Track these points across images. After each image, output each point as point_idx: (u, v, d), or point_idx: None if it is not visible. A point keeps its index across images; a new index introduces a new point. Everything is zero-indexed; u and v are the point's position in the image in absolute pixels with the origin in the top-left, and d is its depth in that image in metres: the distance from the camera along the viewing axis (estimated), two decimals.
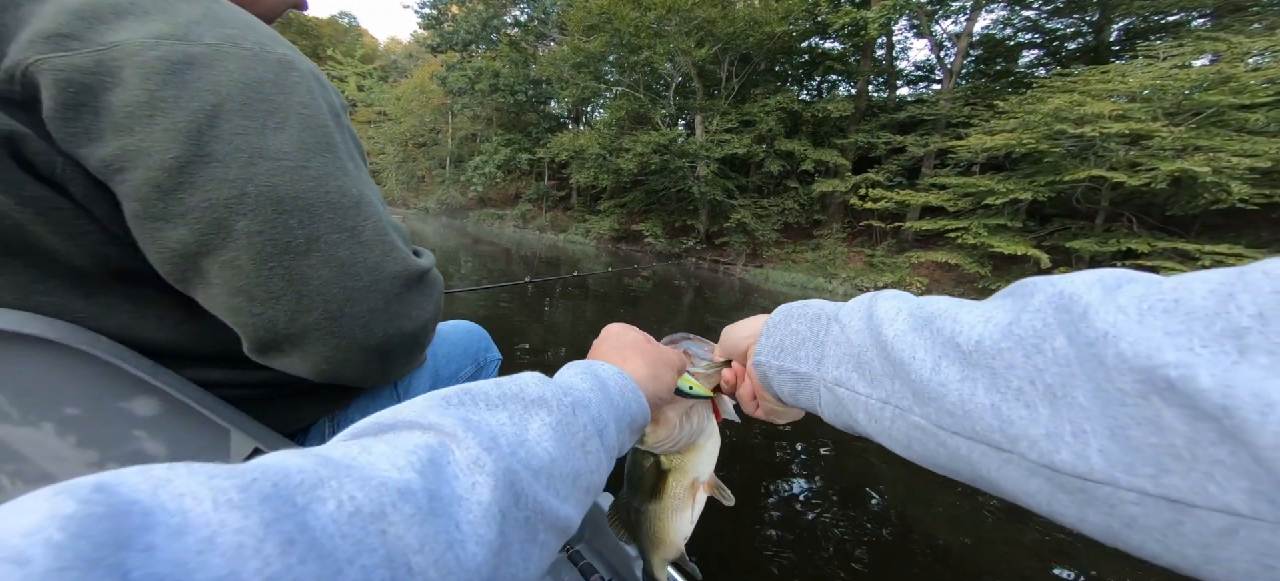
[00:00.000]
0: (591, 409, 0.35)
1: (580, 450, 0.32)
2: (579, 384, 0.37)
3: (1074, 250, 9.02)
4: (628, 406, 0.40)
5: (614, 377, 0.40)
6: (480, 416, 0.28)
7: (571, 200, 21.29)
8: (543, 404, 0.32)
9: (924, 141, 11.72)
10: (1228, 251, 7.27)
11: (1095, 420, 0.23)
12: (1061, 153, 8.84)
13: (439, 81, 24.11)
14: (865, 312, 0.38)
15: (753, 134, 13.70)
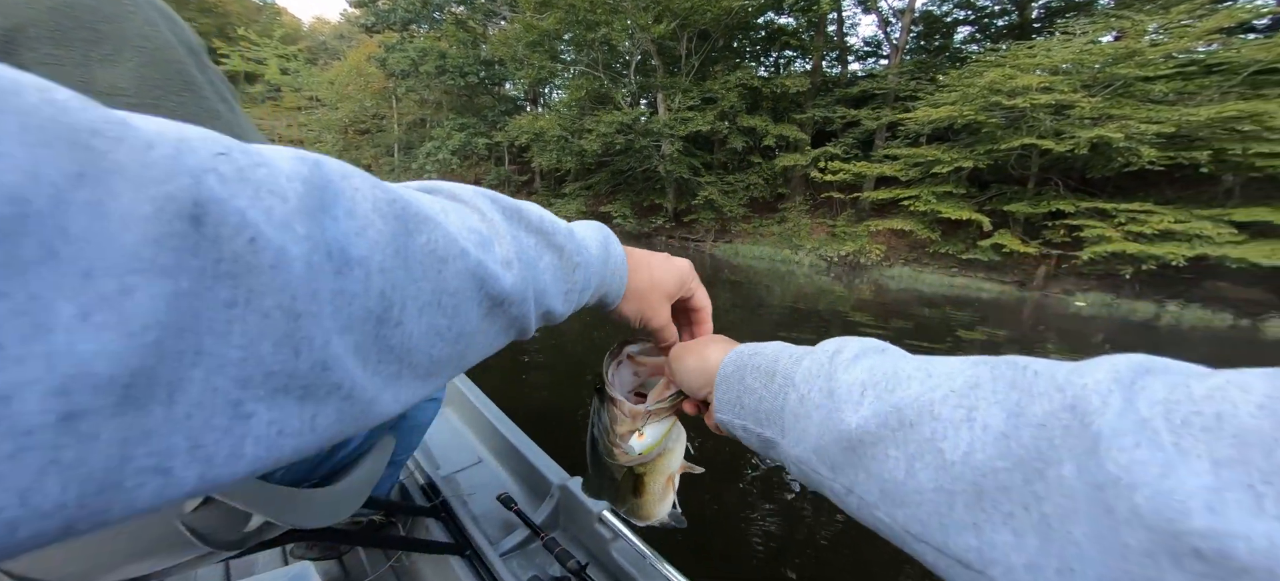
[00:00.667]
0: (587, 273, 0.40)
1: (562, 297, 0.37)
2: (591, 247, 0.41)
3: (1010, 212, 10.09)
4: (608, 288, 0.44)
5: (617, 267, 0.44)
6: (518, 232, 0.33)
7: (535, 184, 21.00)
8: (559, 251, 0.36)
9: (876, 115, 12.50)
10: (1139, 208, 8.43)
11: (1089, 563, 0.20)
12: (997, 123, 9.78)
13: (378, 63, 22.80)
14: (824, 385, 0.34)
15: (715, 111, 14.06)
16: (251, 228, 0.16)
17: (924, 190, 10.84)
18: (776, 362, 0.40)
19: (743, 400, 0.41)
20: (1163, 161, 8.14)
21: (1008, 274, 10.13)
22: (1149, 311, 8.42)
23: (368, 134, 27.29)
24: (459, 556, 1.02)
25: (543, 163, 17.63)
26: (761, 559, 2.18)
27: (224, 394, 0.16)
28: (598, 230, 0.44)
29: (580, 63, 17.55)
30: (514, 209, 0.35)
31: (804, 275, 11.95)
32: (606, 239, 0.44)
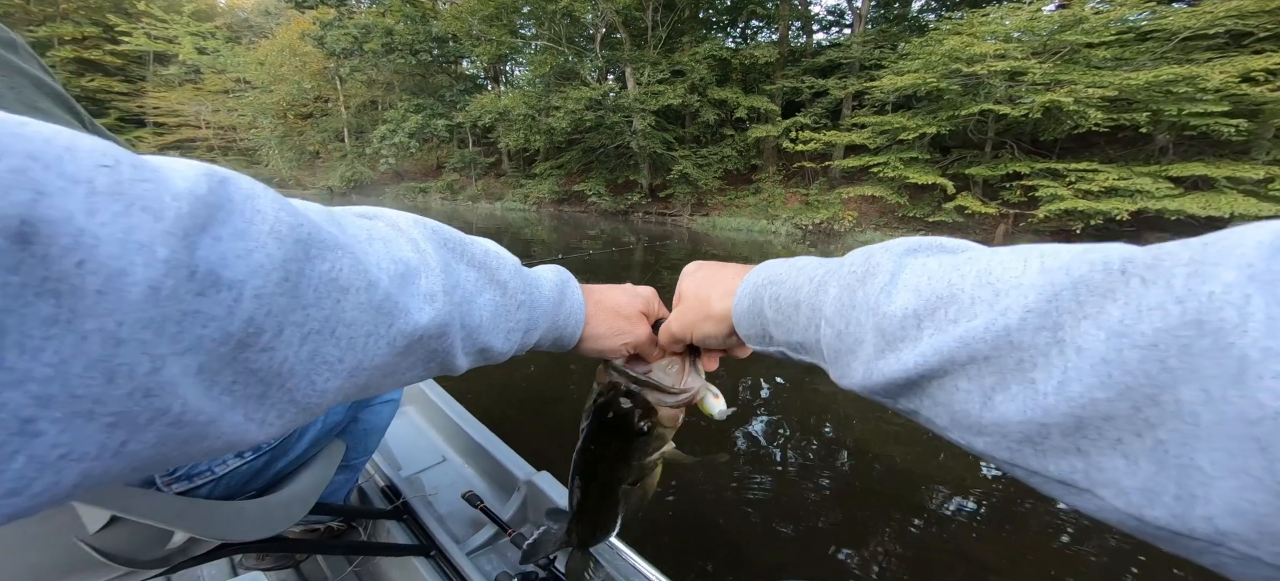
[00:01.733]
0: (535, 313, 0.39)
1: (502, 334, 0.36)
2: (544, 288, 0.42)
3: (971, 176, 10.72)
4: (563, 331, 0.44)
5: (573, 309, 0.45)
6: (456, 265, 0.33)
7: (503, 166, 20.25)
8: (503, 287, 0.36)
9: (843, 84, 12.80)
10: (1086, 167, 9.17)
11: (1217, 490, 0.17)
12: (957, 90, 10.25)
13: (314, 42, 20.93)
14: (865, 321, 0.29)
15: (686, 84, 13.94)
16: (84, 249, 0.16)
17: (892, 157, 11.30)
18: (798, 293, 0.35)
19: (770, 333, 0.38)
20: (1107, 123, 8.85)
21: (971, 234, 10.83)
22: None
23: (311, 118, 25.26)
24: (424, 557, 0.99)
25: (510, 143, 17.00)
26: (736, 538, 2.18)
27: (14, 409, 0.15)
28: (556, 273, 0.46)
29: (542, 37, 16.81)
30: (457, 243, 0.35)
31: (781, 244, 12.31)
32: (564, 282, 0.46)
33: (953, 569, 1.87)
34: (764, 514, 2.19)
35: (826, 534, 2.07)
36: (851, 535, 2.07)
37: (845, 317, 0.30)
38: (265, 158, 26.42)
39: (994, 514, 2.21)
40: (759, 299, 0.39)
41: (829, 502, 2.26)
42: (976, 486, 2.37)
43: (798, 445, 2.78)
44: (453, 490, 1.28)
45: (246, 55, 26.22)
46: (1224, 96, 8.07)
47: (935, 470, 2.47)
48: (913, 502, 2.20)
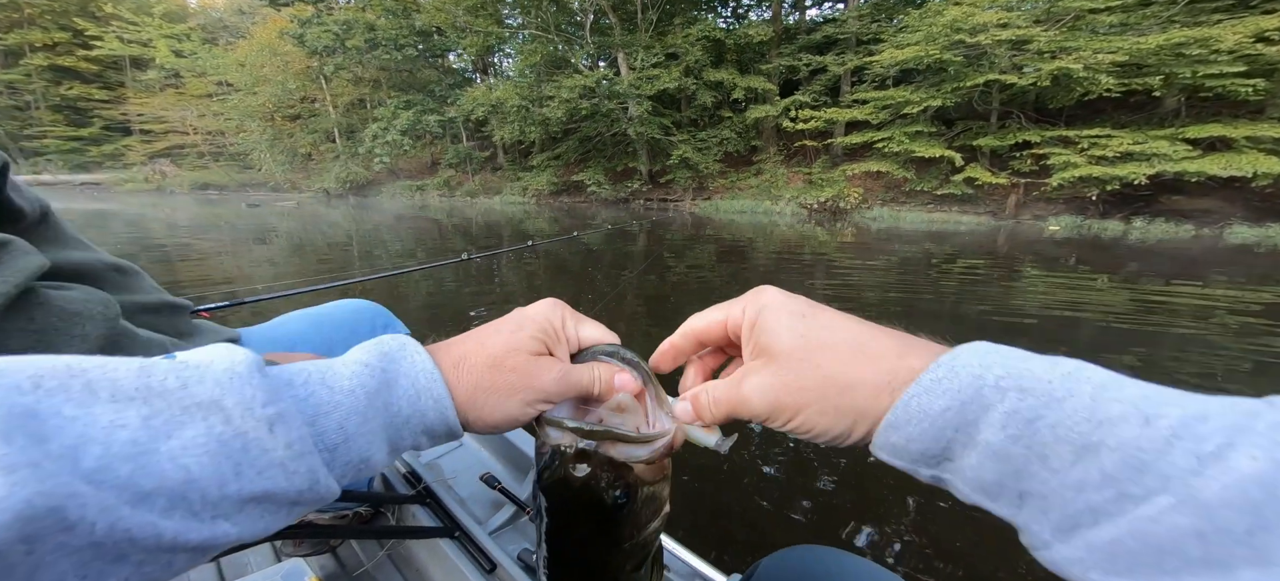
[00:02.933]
0: (325, 421, 0.28)
1: (259, 472, 0.24)
2: (336, 379, 0.29)
3: (979, 147, 10.37)
4: (413, 422, 0.32)
5: (418, 384, 0.32)
6: (73, 410, 0.21)
7: (498, 159, 19.60)
8: (216, 409, 0.23)
9: (841, 60, 12.30)
10: (1099, 133, 8.85)
11: None
12: (960, 62, 9.82)
13: (294, 40, 19.95)
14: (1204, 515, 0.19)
15: (680, 67, 13.37)
16: None
17: (896, 131, 10.91)
18: (1103, 429, 0.21)
19: (966, 459, 0.25)
20: (1119, 88, 8.49)
21: (981, 206, 10.54)
22: (1118, 229, 9.03)
23: (300, 119, 24.31)
24: (449, 538, 0.98)
25: (504, 136, 16.38)
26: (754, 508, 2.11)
27: None
28: (371, 348, 0.32)
29: (529, 26, 16.05)
30: (101, 377, 0.22)
31: (786, 224, 11.97)
32: (387, 355, 0.31)
33: (980, 546, 1.77)
34: (778, 496, 2.08)
35: (844, 513, 1.98)
36: (871, 514, 1.96)
37: (1266, 514, 0.18)
38: (257, 162, 25.47)
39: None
40: (981, 404, 0.24)
41: (845, 484, 2.15)
42: None
43: (800, 441, 2.59)
44: (470, 473, 1.27)
45: (225, 56, 25.05)
46: (1238, 57, 7.73)
47: None
48: (927, 500, 2.07)
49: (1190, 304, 4.62)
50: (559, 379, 0.34)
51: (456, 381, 0.33)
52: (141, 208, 17.09)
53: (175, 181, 27.13)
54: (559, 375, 0.35)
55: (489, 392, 0.33)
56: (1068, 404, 0.22)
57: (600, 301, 5.14)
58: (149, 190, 26.46)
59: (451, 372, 0.33)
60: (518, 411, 0.34)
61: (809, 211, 12.33)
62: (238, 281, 5.88)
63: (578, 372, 0.36)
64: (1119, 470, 0.20)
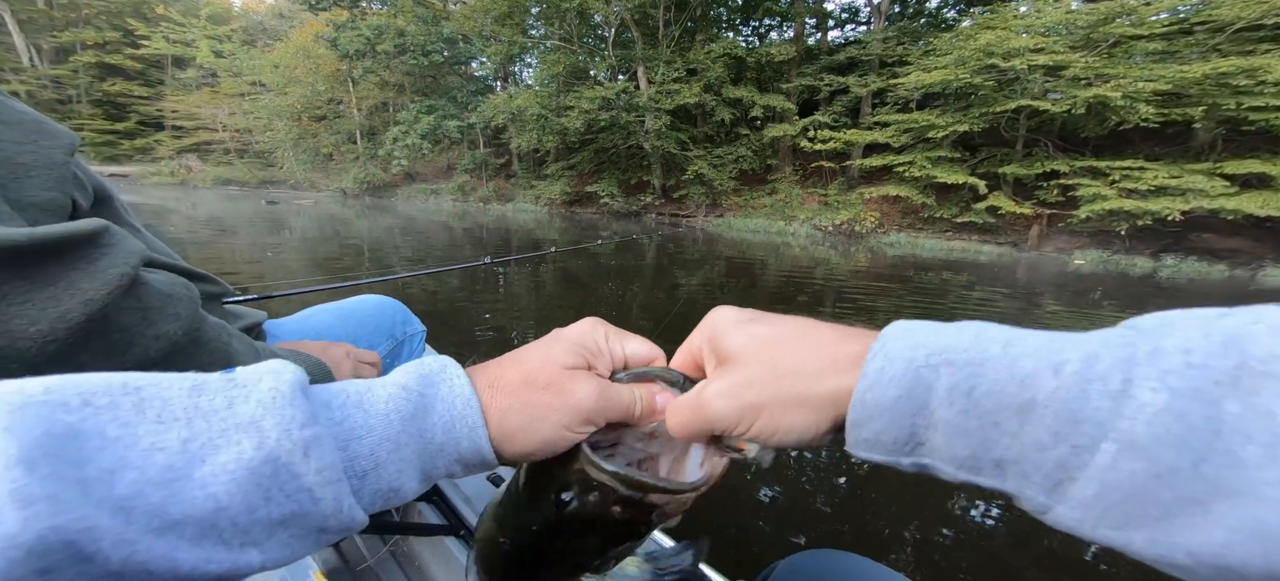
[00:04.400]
0: (359, 445, 0.25)
1: (288, 496, 0.22)
2: (372, 400, 0.27)
3: (1003, 174, 9.82)
4: (448, 450, 0.28)
5: (454, 409, 0.28)
6: (117, 430, 0.20)
7: (513, 167, 19.36)
8: (254, 430, 0.22)
9: (863, 81, 11.90)
10: (1131, 166, 8.28)
11: None
12: (992, 86, 9.36)
13: (328, 44, 20.08)
14: (1192, 448, 0.18)
15: (700, 83, 13.05)
16: None
17: (918, 156, 10.41)
18: (1028, 386, 0.21)
19: (929, 439, 0.23)
20: (1157, 118, 7.96)
21: (1002, 235, 9.95)
22: (1146, 266, 8.39)
23: (325, 120, 24.40)
24: (454, 536, 0.91)
25: (522, 144, 16.12)
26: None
27: None
28: (406, 370, 0.29)
29: (552, 37, 15.93)
30: (154, 395, 0.21)
31: (799, 246, 11.43)
32: (426, 377, 0.29)
33: (983, 573, 1.70)
34: (776, 520, 1.96)
35: (843, 539, 1.89)
36: (869, 542, 1.86)
37: (1194, 445, 0.17)
38: (280, 160, 25.57)
39: (1022, 524, 1.93)
40: (924, 386, 0.23)
41: (844, 508, 2.06)
42: (1000, 497, 1.85)
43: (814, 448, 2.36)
44: None
45: (261, 58, 25.35)
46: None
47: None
48: (938, 509, 2.01)
49: None
50: (597, 395, 0.31)
51: (490, 404, 0.30)
52: (165, 200, 17.07)
53: (199, 176, 27.27)
54: (598, 391, 0.31)
55: (522, 412, 0.30)
56: (989, 369, 0.22)
57: (617, 313, 4.85)
58: (174, 184, 26.61)
59: (485, 395, 0.30)
60: (553, 434, 0.30)
61: (823, 233, 11.79)
62: (256, 274, 5.83)
63: (617, 391, 0.32)
64: (1059, 424, 0.20)
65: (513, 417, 0.29)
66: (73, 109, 30.33)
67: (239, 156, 28.58)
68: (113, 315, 0.35)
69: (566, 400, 0.30)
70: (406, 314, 0.99)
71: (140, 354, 0.37)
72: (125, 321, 0.36)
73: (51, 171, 0.39)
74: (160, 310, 0.39)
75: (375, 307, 0.92)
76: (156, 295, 0.39)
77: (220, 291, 0.68)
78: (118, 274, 0.35)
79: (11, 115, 0.39)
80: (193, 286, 0.44)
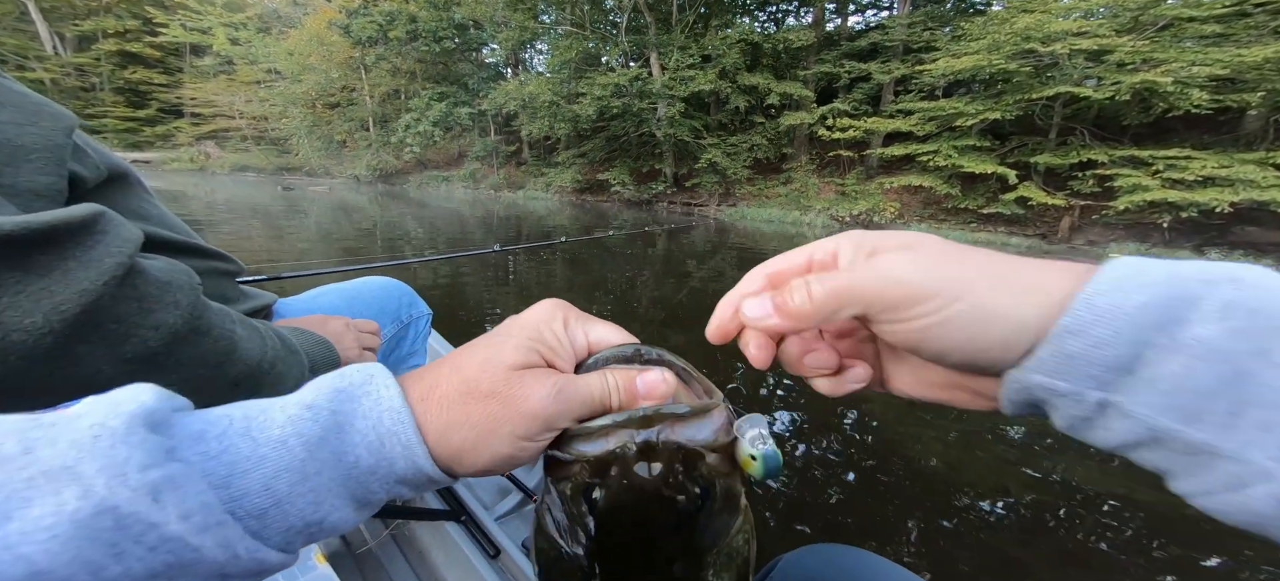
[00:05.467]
0: (248, 475, 0.21)
1: (150, 549, 0.18)
2: (274, 423, 0.22)
3: (1035, 164, 9.15)
4: (382, 464, 0.23)
5: (381, 425, 0.23)
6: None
7: (523, 155, 18.83)
8: (69, 479, 0.17)
9: (886, 68, 11.17)
10: (1177, 155, 7.59)
11: None
12: (1028, 72, 8.66)
13: (340, 30, 19.60)
14: None
15: (716, 69, 12.40)
16: None
17: (944, 144, 9.74)
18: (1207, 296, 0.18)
19: (1170, 365, 0.18)
20: (1211, 105, 7.24)
21: (1031, 227, 9.31)
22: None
23: (338, 108, 23.95)
24: (455, 522, 0.90)
25: (533, 131, 15.57)
26: None
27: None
28: (317, 386, 0.24)
29: (564, 22, 15.29)
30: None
31: (815, 236, 10.76)
32: (340, 392, 0.24)
33: (989, 567, 1.56)
34: (781, 512, 1.87)
35: (848, 532, 1.78)
36: (874, 535, 1.75)
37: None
38: (296, 146, 25.22)
39: (1033, 517, 1.84)
40: (1187, 299, 0.18)
41: (852, 501, 1.96)
42: (1013, 490, 2.00)
43: (819, 441, 2.35)
44: None
45: (276, 45, 24.87)
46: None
47: (969, 472, 2.10)
48: (944, 503, 1.91)
49: None
50: (554, 396, 0.25)
51: (424, 419, 0.24)
52: (184, 185, 16.82)
53: (217, 163, 27.05)
54: (553, 392, 0.25)
55: (466, 430, 0.24)
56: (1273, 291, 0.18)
57: (625, 302, 4.57)
58: (193, 170, 26.45)
59: (419, 408, 0.25)
60: (509, 448, 0.25)
61: (840, 224, 11.18)
62: (271, 256, 5.67)
63: (582, 384, 0.26)
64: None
65: (455, 436, 0.24)
66: (97, 96, 30.14)
67: (256, 143, 28.28)
68: (108, 306, 0.33)
69: (516, 408, 0.24)
70: (413, 296, 0.96)
71: (139, 345, 0.35)
72: (121, 311, 0.34)
73: (51, 154, 0.38)
74: (158, 299, 0.36)
75: (381, 289, 0.90)
76: (154, 283, 0.37)
77: (234, 270, 0.64)
78: (113, 263, 0.33)
79: (11, 96, 0.37)
80: (193, 273, 0.41)
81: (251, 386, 0.45)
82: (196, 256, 0.55)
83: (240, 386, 0.43)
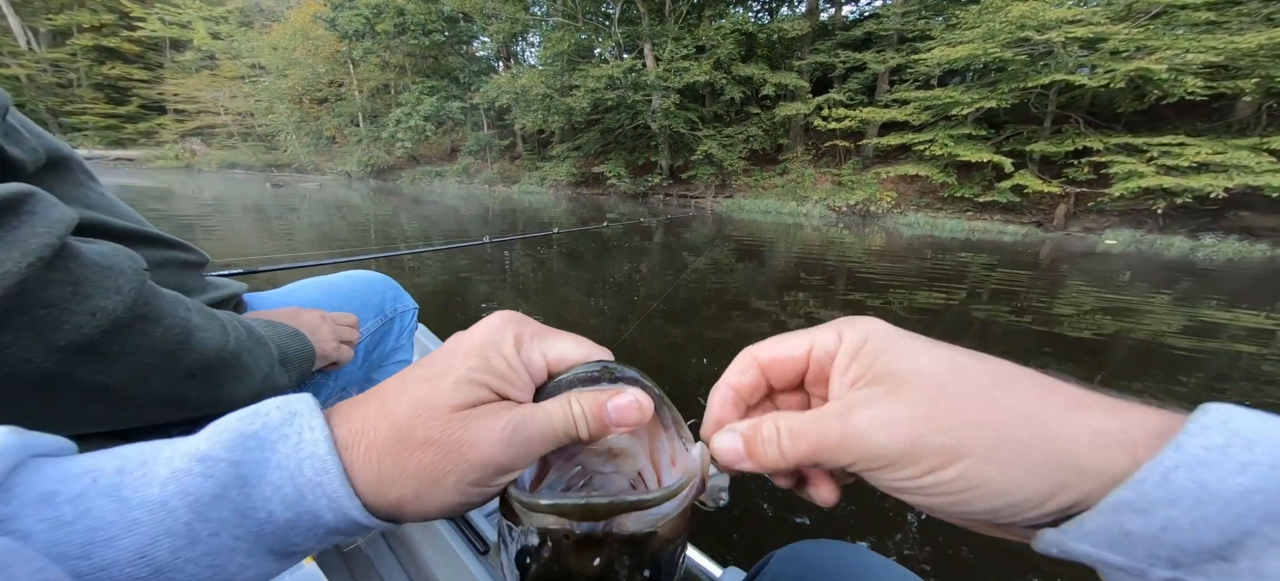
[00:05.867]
0: (114, 544, 0.17)
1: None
2: (154, 479, 0.18)
3: (1030, 152, 9.12)
4: (305, 518, 0.20)
5: (301, 469, 0.20)
6: None
7: (517, 149, 18.48)
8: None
9: (881, 58, 11.04)
10: (1172, 142, 7.59)
11: None
12: (1023, 61, 8.59)
13: (326, 24, 19.00)
14: None
15: (711, 60, 12.19)
16: None
17: (939, 133, 9.67)
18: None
19: (1273, 564, 0.15)
20: (1204, 92, 7.23)
21: (1026, 215, 9.30)
22: (1183, 246, 7.74)
23: (326, 103, 23.30)
24: (447, 520, 0.84)
25: (526, 124, 15.25)
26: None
27: None
28: (217, 431, 0.20)
29: (555, 13, 14.92)
30: None
31: (812, 227, 10.78)
32: (248, 436, 0.20)
33: (988, 558, 1.49)
34: (780, 506, 1.77)
35: (845, 525, 1.69)
36: (872, 528, 1.65)
37: None
38: (284, 143, 24.54)
39: None
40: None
41: (850, 492, 1.39)
42: None
43: None
44: None
45: (260, 39, 24.07)
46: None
47: None
48: None
49: (1253, 328, 3.94)
50: (506, 440, 0.21)
51: (353, 467, 0.21)
52: (170, 183, 16.29)
53: (204, 160, 26.26)
54: (505, 434, 0.21)
55: (404, 483, 0.21)
56: None
57: (623, 295, 4.46)
58: (179, 168, 25.64)
59: (347, 455, 0.21)
60: (457, 498, 0.21)
61: (837, 214, 11.11)
62: (258, 254, 5.50)
63: (543, 417, 0.22)
64: None
65: (392, 491, 0.21)
66: (74, 93, 29.00)
67: (242, 140, 27.48)
68: (36, 290, 0.31)
69: (461, 457, 0.21)
70: (397, 290, 0.91)
71: (72, 332, 0.33)
72: (51, 296, 0.32)
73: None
74: (95, 283, 0.34)
75: (364, 283, 0.85)
76: (90, 267, 0.34)
77: (197, 260, 0.61)
78: (40, 244, 0.31)
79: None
80: (139, 258, 0.39)
81: (209, 378, 0.42)
82: (152, 245, 0.51)
83: (197, 377, 0.41)
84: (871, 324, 0.23)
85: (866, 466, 0.20)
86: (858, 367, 0.21)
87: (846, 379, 0.22)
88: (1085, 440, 0.17)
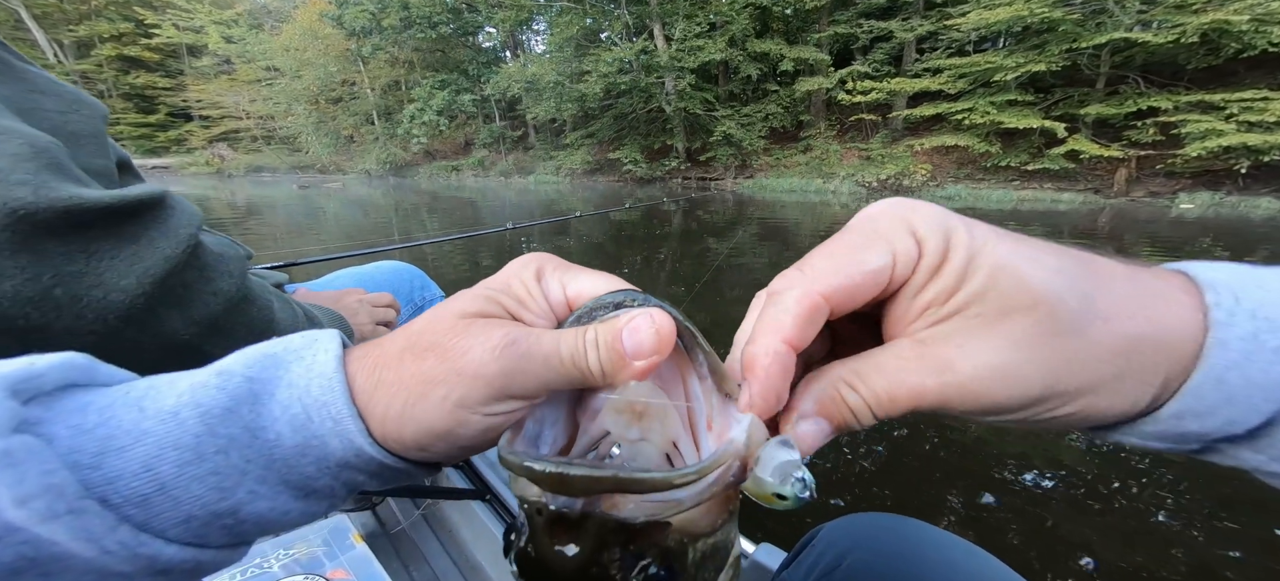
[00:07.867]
0: (124, 453, 0.16)
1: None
2: (174, 391, 0.17)
3: (1083, 116, 7.96)
4: (311, 443, 0.17)
5: (309, 389, 0.18)
6: None
7: (529, 139, 17.37)
8: None
9: (908, 25, 9.74)
10: (1252, 97, 6.44)
11: None
12: (1075, 20, 7.36)
13: (333, 22, 17.77)
14: None
15: (724, 37, 10.95)
16: None
17: (979, 100, 8.51)
18: None
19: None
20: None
21: (1081, 182, 8.20)
22: (1272, 206, 6.64)
23: (341, 102, 22.18)
24: (480, 501, 0.87)
25: (538, 114, 14.16)
26: None
27: None
28: (240, 353, 0.18)
29: None
30: None
31: (841, 204, 9.75)
32: (267, 356, 0.18)
33: (1033, 541, 1.39)
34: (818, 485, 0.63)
35: (884, 504, 1.56)
36: (913, 508, 1.49)
37: None
38: (305, 144, 23.60)
39: (1079, 490, 1.57)
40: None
41: (887, 473, 1.68)
42: (1056, 463, 1.69)
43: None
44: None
45: (271, 41, 22.85)
46: None
47: (1012, 444, 1.78)
48: (985, 475, 1.64)
49: None
50: (500, 350, 0.17)
51: (356, 380, 0.18)
52: (205, 190, 15.66)
53: (232, 164, 25.47)
54: (500, 345, 0.17)
55: (394, 390, 0.18)
56: None
57: (643, 281, 3.59)
58: (210, 173, 24.95)
59: (353, 368, 0.18)
60: (441, 418, 0.17)
61: (867, 189, 10.06)
62: (290, 249, 5.42)
63: (549, 340, 0.18)
64: None
65: (381, 404, 0.18)
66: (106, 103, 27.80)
67: (266, 143, 26.57)
68: (180, 272, 0.34)
69: (451, 365, 0.17)
70: (424, 279, 0.90)
71: (202, 309, 0.35)
72: (188, 278, 0.35)
73: (98, 140, 0.38)
74: (216, 268, 0.37)
75: (392, 273, 0.86)
76: (212, 255, 0.38)
77: (244, 254, 0.62)
78: (186, 234, 0.35)
79: (47, 85, 0.36)
80: (242, 246, 0.43)
81: None
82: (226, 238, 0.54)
83: None
84: (950, 220, 0.17)
85: (977, 409, 0.16)
86: (945, 284, 0.16)
87: (936, 301, 0.17)
88: (1180, 335, 0.15)
